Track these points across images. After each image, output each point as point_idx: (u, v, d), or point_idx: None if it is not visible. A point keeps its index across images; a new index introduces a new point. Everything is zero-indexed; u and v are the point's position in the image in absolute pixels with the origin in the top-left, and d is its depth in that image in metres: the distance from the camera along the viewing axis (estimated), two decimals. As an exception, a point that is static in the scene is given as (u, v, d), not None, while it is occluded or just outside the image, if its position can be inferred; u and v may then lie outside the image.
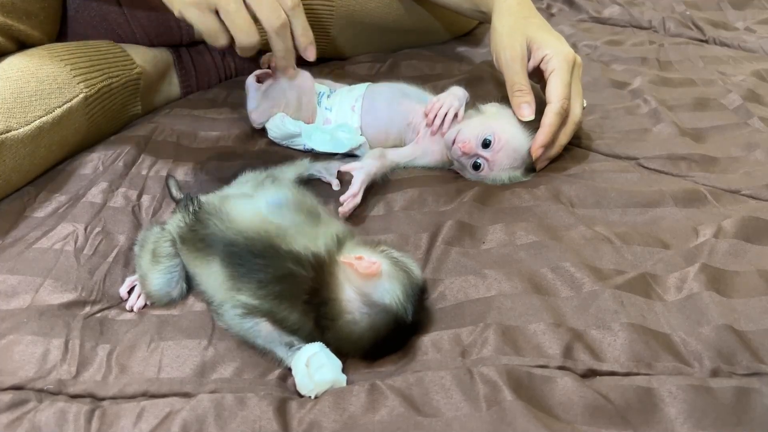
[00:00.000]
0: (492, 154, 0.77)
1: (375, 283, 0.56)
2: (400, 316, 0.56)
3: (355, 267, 0.56)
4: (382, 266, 0.57)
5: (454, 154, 0.78)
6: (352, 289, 0.56)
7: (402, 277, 0.58)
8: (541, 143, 0.77)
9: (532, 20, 0.85)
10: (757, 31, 1.25)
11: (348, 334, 0.56)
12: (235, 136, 0.91)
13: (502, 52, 0.82)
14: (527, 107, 0.78)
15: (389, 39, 1.13)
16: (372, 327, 0.56)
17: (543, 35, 0.82)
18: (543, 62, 0.80)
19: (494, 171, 0.78)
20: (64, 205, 0.78)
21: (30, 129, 0.76)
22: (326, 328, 0.57)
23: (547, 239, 0.68)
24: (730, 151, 0.85)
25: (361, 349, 0.57)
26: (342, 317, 0.56)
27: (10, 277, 0.66)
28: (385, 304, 0.56)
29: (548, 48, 0.80)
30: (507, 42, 0.82)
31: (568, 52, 0.80)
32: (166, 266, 0.64)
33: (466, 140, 0.77)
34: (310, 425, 0.51)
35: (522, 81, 0.80)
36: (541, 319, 0.59)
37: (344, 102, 0.85)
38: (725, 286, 0.62)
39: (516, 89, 0.79)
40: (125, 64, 0.91)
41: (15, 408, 0.54)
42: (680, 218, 0.72)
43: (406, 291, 0.57)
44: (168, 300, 0.65)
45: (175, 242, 0.65)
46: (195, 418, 0.52)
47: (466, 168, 0.79)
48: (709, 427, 0.50)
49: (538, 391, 0.52)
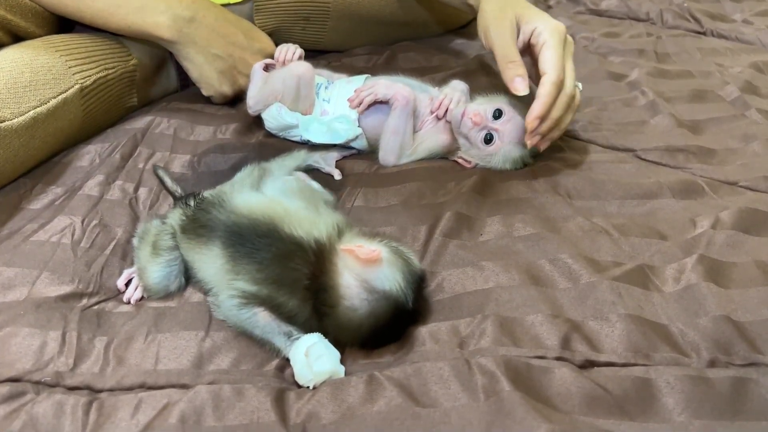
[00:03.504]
0: (503, 124, 0.77)
1: (375, 270, 0.57)
2: (400, 302, 0.56)
3: (356, 253, 0.57)
4: (382, 253, 0.57)
5: (464, 128, 0.78)
6: (352, 276, 0.56)
7: (402, 265, 0.58)
8: (537, 114, 0.73)
9: (521, 1, 0.82)
10: (754, 23, 1.25)
11: (347, 321, 0.56)
12: (233, 128, 0.90)
13: (491, 27, 0.79)
14: (520, 81, 0.75)
15: (385, 32, 1.12)
16: (372, 314, 0.56)
17: (531, 11, 0.79)
18: (533, 36, 0.77)
19: (505, 144, 0.78)
20: (60, 197, 0.77)
21: (24, 119, 0.76)
22: (325, 315, 0.57)
23: (545, 231, 0.68)
24: (728, 142, 0.85)
25: (360, 336, 0.57)
26: (341, 304, 0.56)
27: (7, 270, 0.66)
28: (386, 290, 0.56)
29: (538, 21, 0.77)
30: (495, 17, 0.79)
31: (557, 24, 0.77)
32: (166, 259, 0.64)
33: (477, 111, 0.77)
34: (308, 416, 0.51)
35: (513, 53, 0.76)
36: (539, 310, 0.59)
37: (342, 93, 0.84)
38: (723, 277, 0.62)
39: (507, 61, 0.76)
40: (121, 56, 0.91)
41: (12, 400, 0.53)
42: (678, 210, 0.72)
43: (406, 278, 0.57)
44: (165, 293, 0.65)
45: (175, 235, 0.65)
46: (193, 409, 0.52)
47: (476, 143, 0.79)
48: (706, 416, 0.50)
49: (536, 382, 0.53)
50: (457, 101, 0.81)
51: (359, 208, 0.75)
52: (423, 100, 0.83)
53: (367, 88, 0.81)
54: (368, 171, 0.82)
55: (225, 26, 0.91)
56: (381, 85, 0.81)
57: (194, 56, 0.90)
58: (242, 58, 0.92)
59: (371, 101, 0.81)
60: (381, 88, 0.80)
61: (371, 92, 0.81)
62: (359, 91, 0.82)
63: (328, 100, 0.85)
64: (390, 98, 0.80)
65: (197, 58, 0.90)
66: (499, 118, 0.77)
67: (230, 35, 0.91)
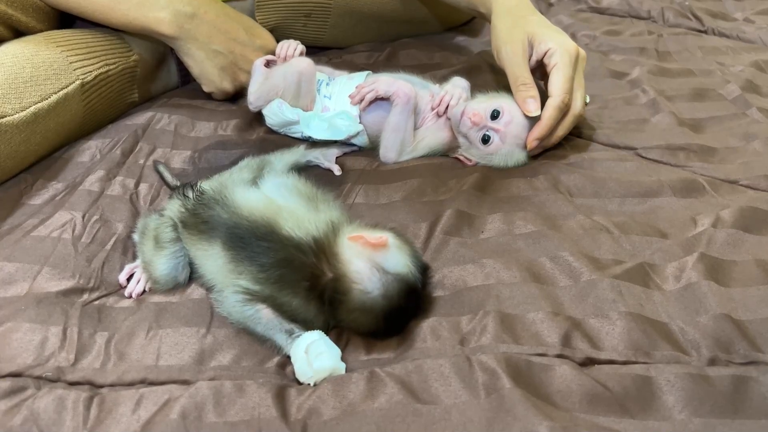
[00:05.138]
0: (502, 125, 0.77)
1: (385, 254, 0.57)
2: (411, 282, 0.57)
3: (365, 239, 0.57)
4: (389, 239, 0.58)
5: (462, 127, 0.78)
6: (362, 261, 0.57)
7: (408, 249, 0.59)
8: (536, 136, 0.76)
9: (532, 18, 0.84)
10: (755, 21, 1.25)
11: (361, 305, 0.56)
12: (234, 125, 0.90)
13: (503, 47, 0.81)
14: (533, 102, 0.77)
15: (386, 29, 1.12)
16: (385, 295, 0.56)
17: (544, 30, 0.81)
18: (546, 56, 0.79)
19: (504, 144, 0.78)
20: (61, 192, 0.77)
21: (25, 115, 0.76)
22: (339, 303, 0.57)
23: (545, 229, 0.68)
24: (729, 141, 0.85)
25: (374, 320, 0.57)
26: (354, 289, 0.56)
27: (8, 265, 0.66)
28: (398, 272, 0.57)
29: (551, 42, 0.79)
30: (507, 37, 0.82)
31: (571, 46, 0.79)
32: (171, 251, 0.65)
33: (476, 111, 0.77)
34: (309, 412, 0.51)
35: (525, 74, 0.79)
36: (539, 307, 0.59)
37: (344, 90, 0.84)
38: (723, 276, 0.63)
39: (520, 83, 0.79)
40: (122, 52, 0.91)
41: (13, 395, 0.54)
42: (678, 208, 0.72)
43: (413, 260, 0.58)
44: (174, 285, 0.65)
45: (176, 227, 0.65)
46: (194, 405, 0.52)
47: (475, 143, 0.79)
48: (706, 414, 0.50)
49: (536, 379, 0.53)
50: (458, 98, 0.81)
51: (360, 204, 0.75)
52: (424, 97, 0.83)
53: (368, 84, 0.81)
54: (369, 168, 0.82)
55: (226, 22, 0.91)
56: (382, 81, 0.81)
57: (195, 52, 0.89)
58: (243, 55, 0.92)
59: (372, 98, 0.81)
60: (382, 85, 0.80)
61: (372, 89, 0.80)
62: (360, 88, 0.82)
63: (329, 97, 0.85)
64: (391, 95, 0.80)
65: (198, 54, 0.90)
66: (498, 119, 0.77)
67: (231, 31, 0.91)
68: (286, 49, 0.88)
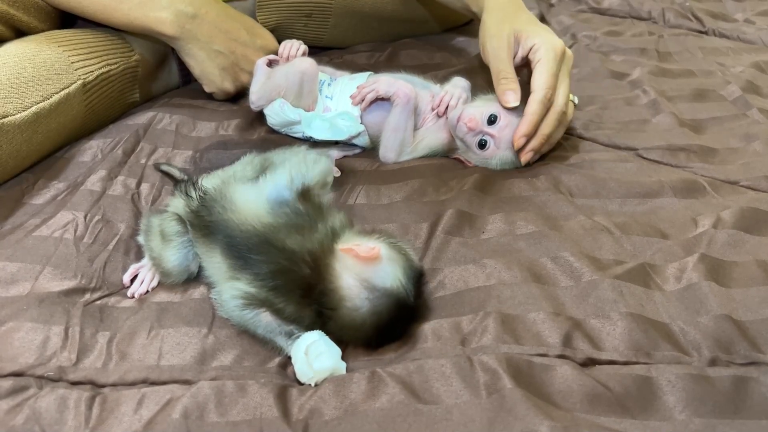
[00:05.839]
0: (498, 130, 0.77)
1: (375, 268, 0.57)
2: (401, 298, 0.56)
3: (355, 252, 0.57)
4: (381, 250, 0.58)
5: (459, 132, 0.78)
6: (352, 277, 0.56)
7: (401, 260, 0.58)
8: (522, 132, 0.75)
9: (521, 15, 0.84)
10: (756, 22, 1.25)
11: (350, 321, 0.56)
12: (235, 125, 0.91)
13: (488, 41, 0.81)
14: (512, 94, 0.77)
15: (387, 29, 1.13)
16: (374, 312, 0.56)
17: (531, 27, 0.81)
18: (531, 52, 0.79)
19: (500, 150, 0.78)
20: (62, 192, 0.77)
21: (27, 115, 0.76)
22: (328, 318, 0.57)
23: (546, 229, 0.68)
24: (729, 142, 0.85)
25: (365, 335, 0.57)
26: (343, 306, 0.56)
27: (10, 264, 0.66)
28: (387, 287, 0.56)
29: (537, 38, 0.79)
30: (493, 32, 0.81)
31: (557, 43, 0.79)
32: (179, 242, 0.65)
33: (472, 116, 0.77)
34: (310, 412, 0.51)
35: (507, 69, 0.79)
36: (540, 308, 0.59)
37: (345, 90, 0.84)
38: (724, 277, 0.63)
39: (501, 77, 0.78)
40: (123, 52, 0.91)
41: (15, 394, 0.54)
42: (679, 209, 0.72)
43: (406, 273, 0.57)
44: (187, 275, 0.65)
45: (182, 220, 0.65)
46: (195, 404, 0.52)
47: (471, 148, 0.79)
48: (707, 415, 0.50)
49: (537, 380, 0.53)
50: (458, 98, 0.81)
51: (361, 205, 0.75)
52: (424, 98, 0.83)
53: (369, 84, 0.81)
54: (370, 168, 0.82)
55: (227, 22, 0.91)
56: (383, 82, 0.81)
57: (196, 52, 0.90)
58: (244, 55, 0.92)
59: (373, 98, 0.81)
60: (382, 85, 0.80)
61: (373, 89, 0.81)
62: (361, 88, 0.82)
63: (330, 97, 0.85)
64: (391, 95, 0.80)
65: (199, 54, 0.90)
66: (494, 124, 0.77)
67: (232, 31, 0.91)
68: (289, 49, 0.88)
